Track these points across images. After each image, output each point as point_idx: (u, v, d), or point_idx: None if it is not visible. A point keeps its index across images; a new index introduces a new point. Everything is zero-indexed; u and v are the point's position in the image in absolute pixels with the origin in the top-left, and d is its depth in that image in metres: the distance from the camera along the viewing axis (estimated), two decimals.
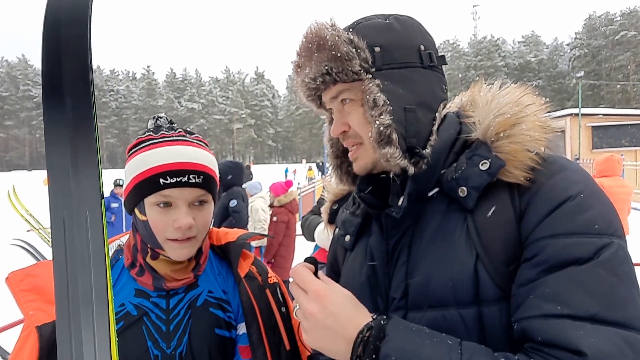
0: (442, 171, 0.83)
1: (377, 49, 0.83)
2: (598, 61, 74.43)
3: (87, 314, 0.52)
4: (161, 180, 0.95)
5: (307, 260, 0.84)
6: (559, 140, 16.94)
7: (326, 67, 0.83)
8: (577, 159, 15.41)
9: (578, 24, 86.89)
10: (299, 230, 3.72)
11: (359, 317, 0.73)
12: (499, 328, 0.73)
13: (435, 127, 0.85)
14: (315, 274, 0.80)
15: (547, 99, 0.85)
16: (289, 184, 5.64)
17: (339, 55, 0.81)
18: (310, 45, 0.84)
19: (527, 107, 0.80)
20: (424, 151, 0.83)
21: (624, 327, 0.63)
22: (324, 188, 1.20)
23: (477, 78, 0.94)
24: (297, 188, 14.42)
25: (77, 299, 0.52)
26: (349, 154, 0.91)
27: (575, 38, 78.55)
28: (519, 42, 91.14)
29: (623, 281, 0.66)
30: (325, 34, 0.82)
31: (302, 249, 4.54)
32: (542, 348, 0.65)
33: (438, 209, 0.83)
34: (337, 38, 0.81)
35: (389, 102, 0.81)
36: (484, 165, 0.77)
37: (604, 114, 17.30)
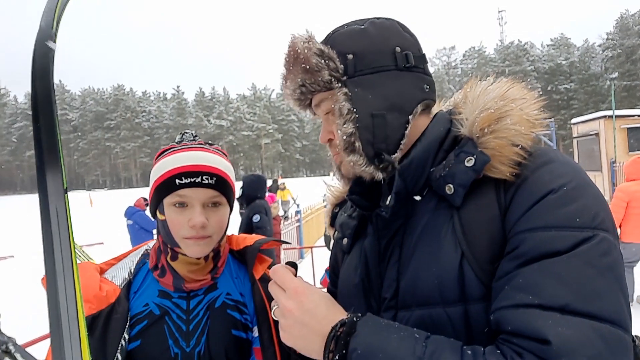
0: (432, 169, 0.83)
1: (349, 57, 0.84)
2: (633, 61, 71.57)
3: (63, 306, 0.58)
4: (177, 181, 1.03)
5: (287, 263, 0.86)
6: (593, 144, 16.33)
7: (300, 80, 0.86)
8: (613, 162, 14.80)
9: (609, 24, 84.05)
10: None
11: (334, 314, 0.74)
12: (484, 326, 0.72)
13: (407, 131, 0.85)
14: (295, 275, 0.82)
15: (581, 102, 0.81)
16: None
17: (308, 67, 0.84)
18: (288, 59, 0.87)
19: (513, 101, 0.79)
20: (393, 155, 0.84)
21: (597, 319, 0.62)
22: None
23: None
24: (323, 200, 14.44)
25: (56, 300, 0.58)
26: (335, 159, 0.93)
27: (607, 39, 76.03)
28: (547, 46, 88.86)
29: (602, 273, 0.64)
30: (298, 48, 0.85)
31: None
32: (510, 338, 0.65)
33: (427, 207, 0.82)
34: (307, 51, 0.84)
35: (354, 110, 0.82)
36: (469, 162, 0.76)
37: (639, 115, 16.62)
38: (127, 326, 1.01)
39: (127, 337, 1.00)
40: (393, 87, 0.85)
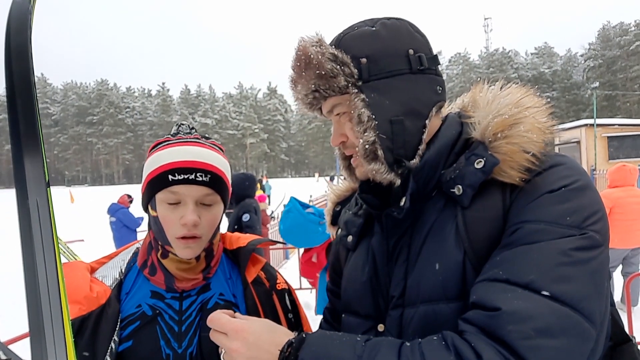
0: (442, 171, 0.84)
1: (363, 60, 0.84)
2: (613, 72, 73.30)
3: (46, 304, 0.54)
4: (170, 177, 0.99)
5: (221, 307, 0.87)
6: (574, 151, 16.69)
7: (313, 85, 0.85)
8: (594, 169, 15.15)
9: (591, 35, 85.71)
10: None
11: (279, 337, 0.74)
12: None
13: (424, 135, 0.86)
14: (234, 315, 0.81)
15: (562, 110, 0.84)
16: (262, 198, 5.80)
17: (323, 73, 0.83)
18: (299, 64, 0.86)
19: (527, 109, 0.81)
20: (411, 161, 0.84)
21: (557, 301, 0.64)
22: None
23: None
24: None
25: (36, 291, 0.54)
26: (351, 161, 0.93)
27: (589, 49, 77.68)
28: (531, 54, 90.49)
29: (574, 263, 0.66)
30: (310, 52, 0.83)
31: None
32: (467, 315, 0.69)
33: (435, 207, 0.84)
34: (320, 56, 0.82)
35: (374, 117, 0.82)
36: (479, 164, 0.78)
37: (619, 124, 17.03)
38: (117, 328, 0.98)
39: (117, 339, 0.97)
40: (408, 91, 0.85)
